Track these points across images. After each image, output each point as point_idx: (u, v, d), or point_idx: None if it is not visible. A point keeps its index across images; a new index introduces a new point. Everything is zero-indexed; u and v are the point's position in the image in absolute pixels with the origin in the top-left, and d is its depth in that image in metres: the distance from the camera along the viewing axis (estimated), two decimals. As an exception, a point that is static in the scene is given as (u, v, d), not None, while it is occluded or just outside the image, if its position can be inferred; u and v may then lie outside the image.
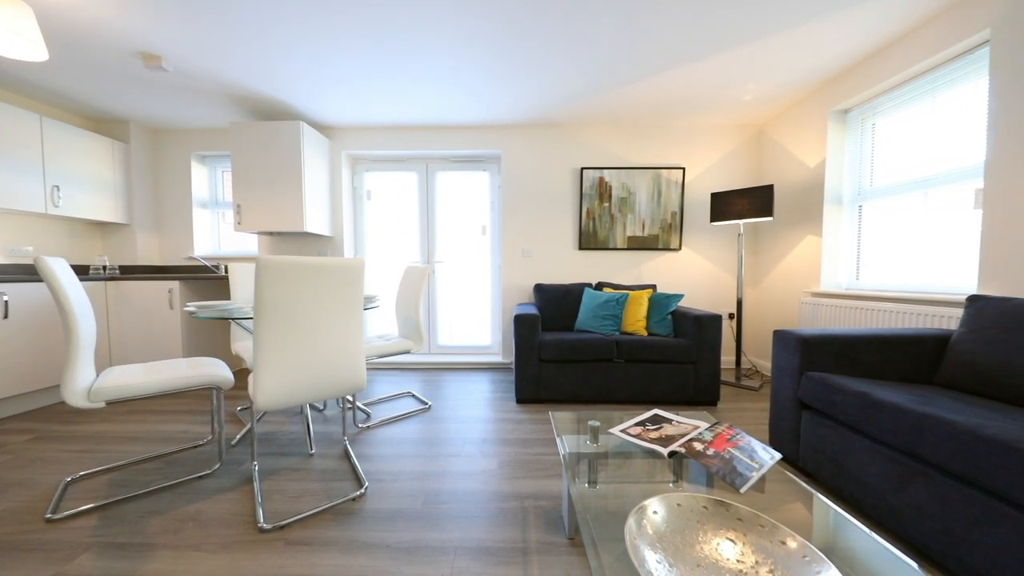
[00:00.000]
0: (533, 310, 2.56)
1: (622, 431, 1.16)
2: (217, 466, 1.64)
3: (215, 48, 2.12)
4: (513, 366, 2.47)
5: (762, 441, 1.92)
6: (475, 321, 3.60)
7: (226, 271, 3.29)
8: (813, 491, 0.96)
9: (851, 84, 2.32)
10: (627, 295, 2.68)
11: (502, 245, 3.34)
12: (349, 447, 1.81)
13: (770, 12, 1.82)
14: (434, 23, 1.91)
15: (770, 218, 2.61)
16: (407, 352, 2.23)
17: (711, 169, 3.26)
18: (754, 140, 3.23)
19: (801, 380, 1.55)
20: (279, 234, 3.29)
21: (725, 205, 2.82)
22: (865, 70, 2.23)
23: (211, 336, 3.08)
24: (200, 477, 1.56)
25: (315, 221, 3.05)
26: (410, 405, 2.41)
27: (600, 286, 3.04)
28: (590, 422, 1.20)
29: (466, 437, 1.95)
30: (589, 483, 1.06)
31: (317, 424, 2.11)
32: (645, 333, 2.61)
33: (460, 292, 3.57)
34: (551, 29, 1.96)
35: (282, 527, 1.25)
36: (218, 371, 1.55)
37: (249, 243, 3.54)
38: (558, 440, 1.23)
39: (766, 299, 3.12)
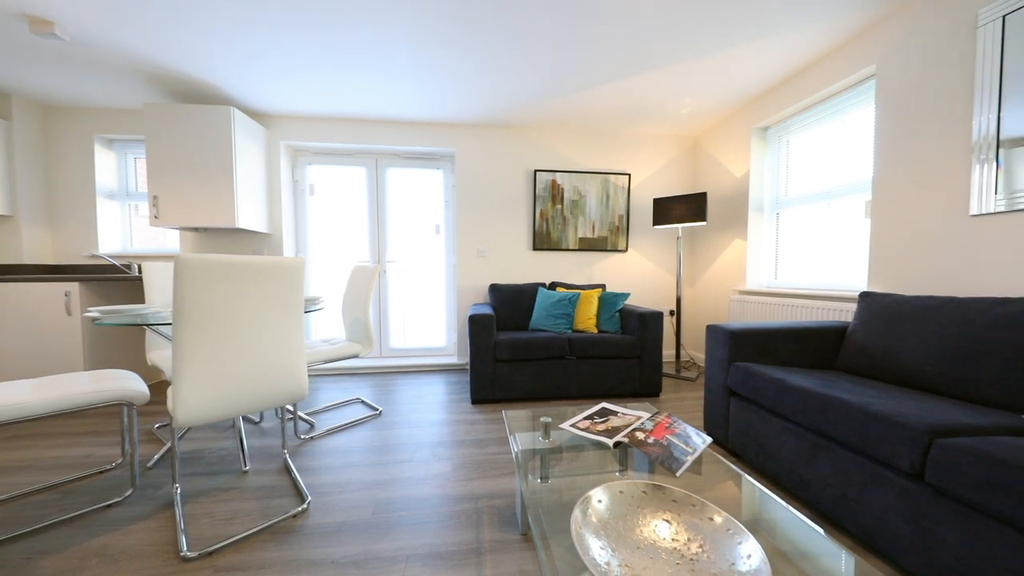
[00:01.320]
0: (488, 310, 2.56)
1: (572, 426, 1.20)
2: (129, 492, 1.45)
3: (127, 18, 1.87)
4: (468, 367, 2.45)
5: (697, 427, 2.09)
6: (429, 322, 3.53)
7: (140, 271, 2.91)
8: (739, 471, 1.06)
9: (769, 105, 2.61)
10: (579, 294, 2.78)
11: (456, 245, 3.31)
12: (289, 460, 1.69)
13: (701, 35, 1.99)
14: (385, 18, 1.84)
15: (704, 223, 2.85)
16: (355, 356, 2.13)
17: (653, 176, 3.48)
18: (691, 150, 3.51)
19: (730, 370, 1.71)
20: (207, 230, 2.97)
21: (665, 210, 3.02)
22: (780, 93, 2.51)
23: (122, 346, 2.70)
24: (107, 507, 1.37)
25: (249, 216, 2.80)
26: (359, 412, 2.30)
27: (553, 286, 3.12)
28: (542, 419, 1.23)
29: (419, 442, 1.90)
30: (542, 478, 1.08)
31: (252, 438, 1.94)
32: (596, 330, 2.73)
33: (413, 293, 3.48)
34: (502, 30, 1.97)
35: (210, 553, 1.14)
36: (129, 384, 1.37)
37: (169, 240, 3.17)
38: (511, 438, 1.25)
39: (701, 296, 3.39)
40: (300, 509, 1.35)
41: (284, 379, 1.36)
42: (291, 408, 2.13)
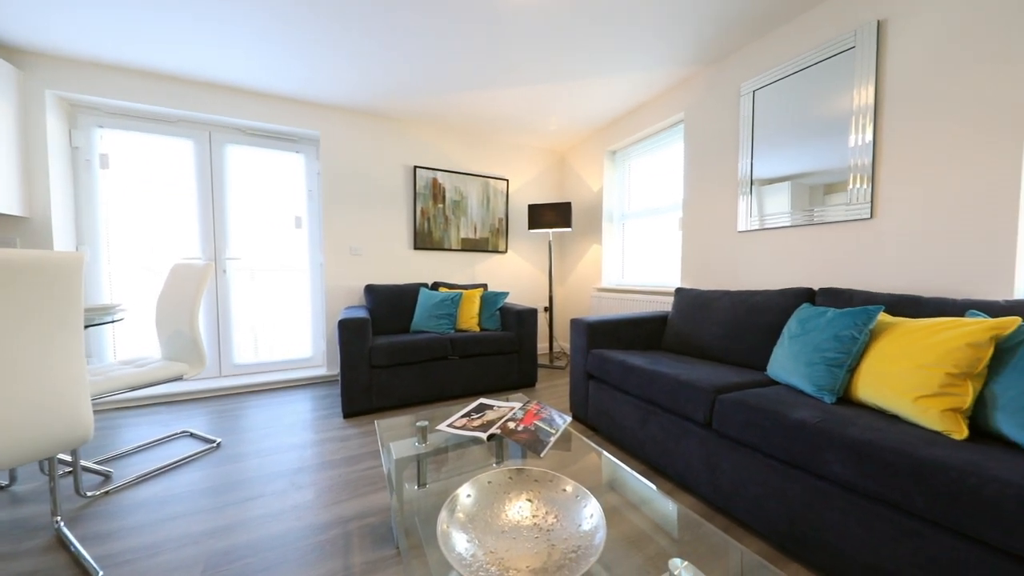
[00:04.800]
0: (363, 313, 2.36)
1: (448, 426, 1.20)
2: None
3: None
4: (340, 378, 2.22)
5: (563, 409, 2.35)
6: (291, 330, 3.05)
7: None
8: (592, 443, 1.23)
9: (617, 132, 3.10)
10: (461, 294, 2.80)
11: (324, 241, 2.94)
12: (66, 530, 1.23)
13: (561, 63, 2.23)
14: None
15: (570, 229, 3.22)
16: (178, 379, 1.69)
17: (529, 183, 3.76)
18: (559, 163, 3.91)
19: (588, 356, 1.97)
20: None
21: (539, 216, 3.30)
22: (624, 124, 3.02)
23: None
24: None
25: (-14, 192, 1.94)
26: (187, 448, 1.84)
27: (436, 286, 3.07)
28: (418, 423, 1.19)
29: (272, 472, 1.63)
30: (419, 485, 1.05)
31: (-6, 510, 1.35)
32: (478, 329, 2.79)
33: (268, 296, 2.96)
34: (369, 11, 1.84)
35: None
36: None
37: None
38: (382, 450, 1.18)
39: (570, 294, 3.82)
40: (82, 592, 1.00)
41: (45, 420, 0.98)
42: (67, 457, 1.56)
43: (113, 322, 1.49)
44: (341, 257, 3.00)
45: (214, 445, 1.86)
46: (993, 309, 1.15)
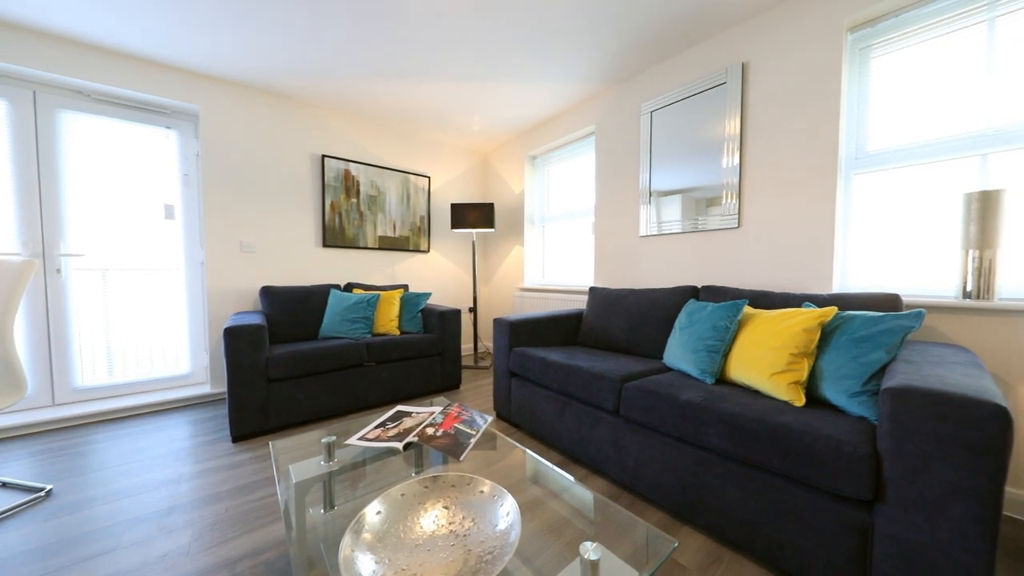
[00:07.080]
0: (257, 319, 2.06)
1: (360, 439, 1.11)
2: None
3: None
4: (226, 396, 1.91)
5: (487, 409, 2.36)
6: (161, 343, 2.53)
7: None
8: (513, 441, 1.24)
9: (537, 138, 3.22)
10: (378, 296, 2.63)
11: (205, 235, 2.50)
12: None
13: (480, 61, 2.24)
14: None
15: (492, 229, 3.24)
16: (-20, 412, 1.27)
17: (451, 182, 3.70)
18: (482, 164, 3.92)
19: (510, 355, 2.00)
20: None
21: (462, 215, 3.26)
22: (543, 131, 3.15)
23: None
24: None
25: None
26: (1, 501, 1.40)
27: (349, 287, 2.84)
28: (323, 439, 1.07)
29: (131, 517, 1.32)
30: (327, 508, 0.95)
31: None
32: (398, 332, 2.65)
33: (128, 302, 2.40)
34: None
35: None
36: None
37: None
38: (277, 474, 1.03)
39: (494, 294, 3.86)
40: None
41: None
42: None
43: None
44: (228, 254, 2.58)
45: (41, 494, 1.44)
46: (819, 301, 1.46)
